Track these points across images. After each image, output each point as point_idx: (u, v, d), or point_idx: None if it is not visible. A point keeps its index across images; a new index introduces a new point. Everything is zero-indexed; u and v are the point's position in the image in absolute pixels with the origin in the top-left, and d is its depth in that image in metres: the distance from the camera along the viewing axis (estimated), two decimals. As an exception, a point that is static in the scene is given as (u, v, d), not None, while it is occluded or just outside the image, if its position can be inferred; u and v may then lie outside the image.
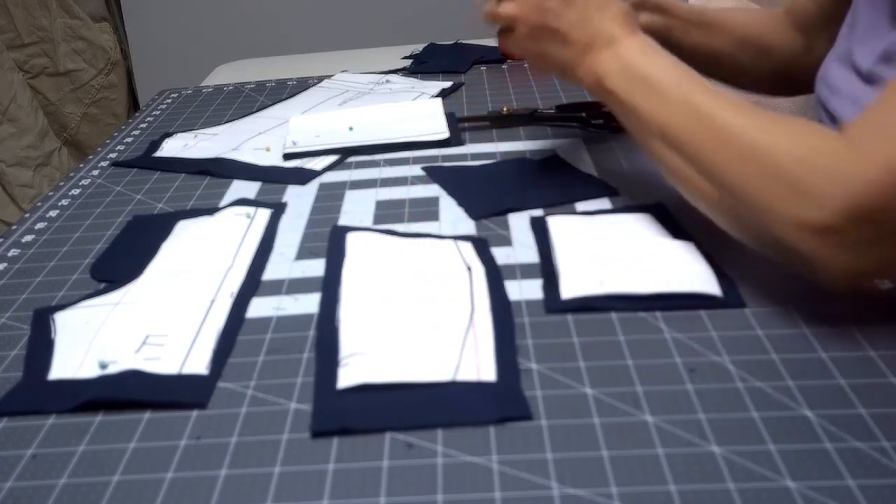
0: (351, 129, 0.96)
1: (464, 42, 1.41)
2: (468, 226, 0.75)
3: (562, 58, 0.71)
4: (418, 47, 1.40)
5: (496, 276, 0.65)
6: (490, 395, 0.52)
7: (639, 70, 0.66)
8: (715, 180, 0.59)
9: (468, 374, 0.54)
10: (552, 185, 0.82)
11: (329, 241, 0.73)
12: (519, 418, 0.50)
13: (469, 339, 0.57)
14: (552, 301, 0.62)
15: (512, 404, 0.51)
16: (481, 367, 0.54)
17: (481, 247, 0.70)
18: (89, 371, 0.57)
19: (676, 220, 0.71)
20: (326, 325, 0.61)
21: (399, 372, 0.54)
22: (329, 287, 0.65)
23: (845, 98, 0.70)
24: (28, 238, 0.80)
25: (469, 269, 0.66)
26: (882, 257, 0.54)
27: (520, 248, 0.70)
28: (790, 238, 0.54)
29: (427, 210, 0.79)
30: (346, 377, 0.54)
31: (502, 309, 0.61)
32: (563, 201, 0.78)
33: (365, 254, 0.70)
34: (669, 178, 0.65)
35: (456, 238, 0.71)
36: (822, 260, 0.53)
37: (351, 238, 0.73)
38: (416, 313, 0.60)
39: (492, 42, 1.35)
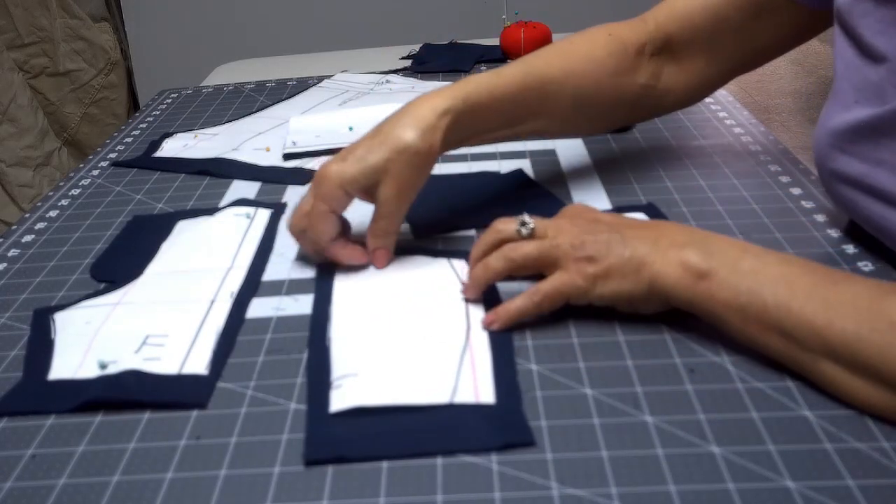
0: (351, 129, 0.96)
1: (460, 42, 1.40)
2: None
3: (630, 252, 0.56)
4: (415, 48, 1.40)
5: (493, 293, 0.63)
6: (491, 419, 0.50)
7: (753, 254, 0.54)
8: None
9: (466, 395, 0.52)
10: (504, 203, 0.78)
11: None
12: (522, 445, 0.48)
13: (466, 358, 0.55)
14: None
15: (514, 430, 0.49)
16: (479, 388, 0.52)
17: None
18: (89, 371, 0.57)
19: (667, 219, 0.71)
20: (317, 345, 0.58)
21: (394, 394, 0.52)
22: (319, 306, 0.63)
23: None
24: (28, 238, 0.80)
25: (464, 286, 0.64)
26: None
27: (520, 248, 0.70)
28: None
29: (427, 210, 0.79)
30: (339, 400, 0.52)
31: None
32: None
33: (356, 270, 0.67)
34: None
35: (449, 255, 0.69)
36: None
37: None
38: (410, 332, 0.58)
39: (491, 41, 1.35)
